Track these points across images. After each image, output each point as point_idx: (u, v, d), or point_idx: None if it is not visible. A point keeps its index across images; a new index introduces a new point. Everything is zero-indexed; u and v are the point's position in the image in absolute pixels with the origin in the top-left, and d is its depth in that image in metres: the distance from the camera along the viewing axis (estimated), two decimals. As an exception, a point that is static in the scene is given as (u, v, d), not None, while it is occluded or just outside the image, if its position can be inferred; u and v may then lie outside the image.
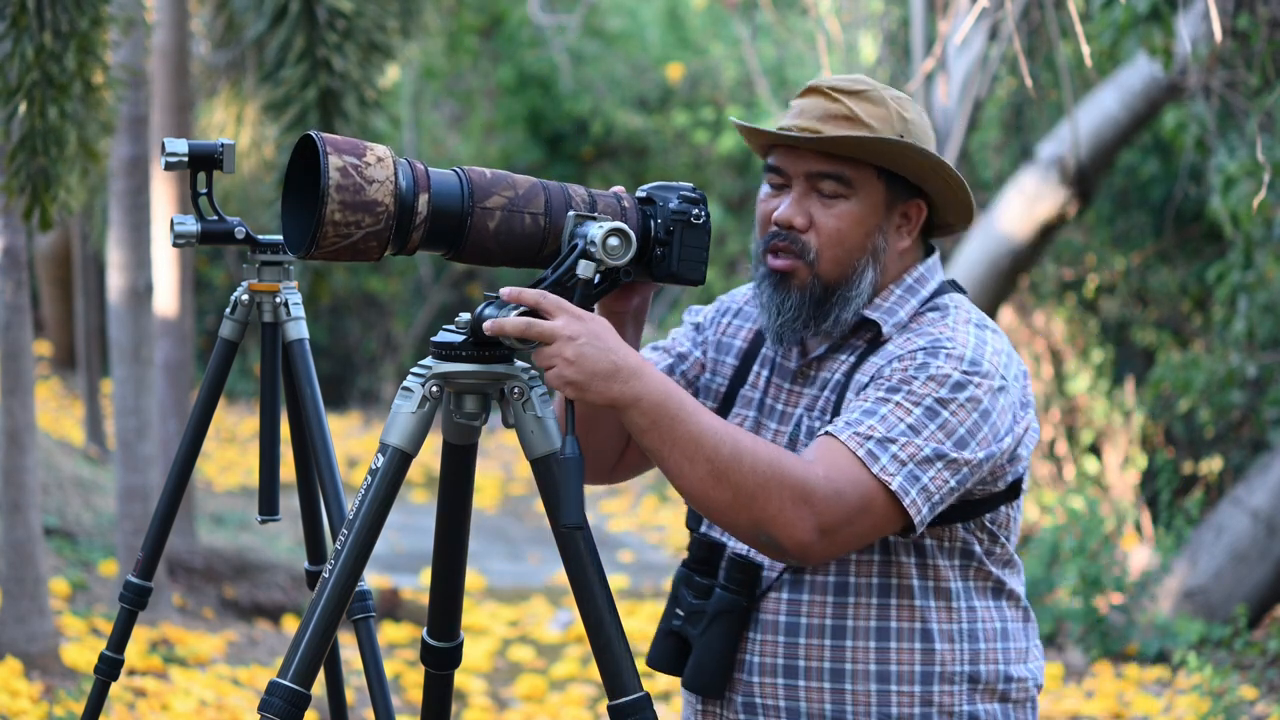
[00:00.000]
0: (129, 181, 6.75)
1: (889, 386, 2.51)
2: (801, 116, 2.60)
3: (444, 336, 2.48)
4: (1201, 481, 9.57)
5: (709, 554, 2.63)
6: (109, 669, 3.64)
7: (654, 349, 2.79)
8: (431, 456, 3.92)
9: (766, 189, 2.65)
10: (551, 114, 15.87)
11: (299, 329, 3.55)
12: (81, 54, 4.78)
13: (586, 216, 2.49)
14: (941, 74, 8.25)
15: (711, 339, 2.77)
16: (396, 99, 14.47)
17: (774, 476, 2.41)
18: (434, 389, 2.46)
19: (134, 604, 3.63)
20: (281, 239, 3.49)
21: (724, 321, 2.78)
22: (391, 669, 7.11)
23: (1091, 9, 7.67)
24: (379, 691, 3.51)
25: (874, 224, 2.60)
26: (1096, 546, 7.62)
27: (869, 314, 2.62)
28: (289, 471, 6.71)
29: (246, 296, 3.55)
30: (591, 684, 7.13)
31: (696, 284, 2.59)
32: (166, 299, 7.34)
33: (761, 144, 2.66)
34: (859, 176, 2.59)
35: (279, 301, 3.55)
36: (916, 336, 2.57)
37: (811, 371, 2.65)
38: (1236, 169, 6.90)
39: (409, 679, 7.08)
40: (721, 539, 2.65)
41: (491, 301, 2.44)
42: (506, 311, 2.40)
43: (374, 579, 8.65)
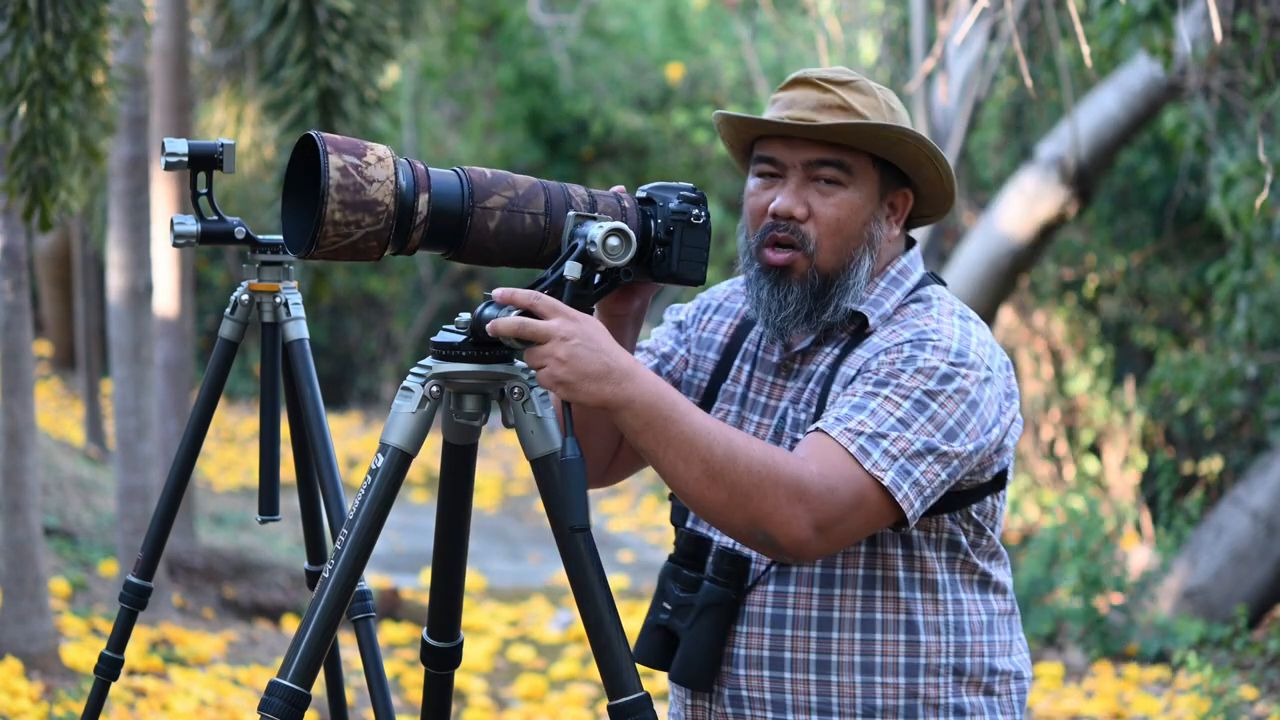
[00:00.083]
0: (129, 181, 6.75)
1: (877, 380, 2.51)
2: (794, 107, 2.59)
3: (444, 336, 2.48)
4: (1201, 481, 9.57)
5: (696, 548, 2.63)
6: (109, 669, 3.64)
7: (639, 350, 2.78)
8: (431, 456, 3.92)
9: (756, 182, 2.63)
10: (551, 114, 15.87)
11: (299, 329, 3.55)
12: (82, 54, 4.78)
13: (586, 216, 2.49)
14: (941, 74, 8.24)
15: (694, 336, 2.77)
16: (396, 99, 14.47)
17: (769, 475, 2.41)
18: (434, 389, 2.46)
19: (134, 604, 3.63)
20: (281, 239, 3.49)
21: (705, 318, 2.78)
22: (391, 669, 7.11)
23: (1091, 9, 7.67)
24: (379, 691, 3.51)
25: (869, 213, 2.60)
26: (1096, 546, 7.62)
27: (855, 306, 2.62)
28: (289, 471, 6.71)
29: (246, 296, 3.55)
30: (591, 684, 7.13)
31: (696, 284, 2.59)
32: (166, 299, 7.34)
33: (746, 137, 2.65)
34: (857, 164, 2.59)
35: (279, 301, 3.55)
36: (902, 329, 2.57)
37: (795, 365, 2.65)
38: (1236, 169, 6.90)
39: (409, 679, 7.08)
40: (709, 534, 2.65)
41: (491, 301, 2.44)
42: (505, 313, 2.40)
43: (374, 579, 8.65)
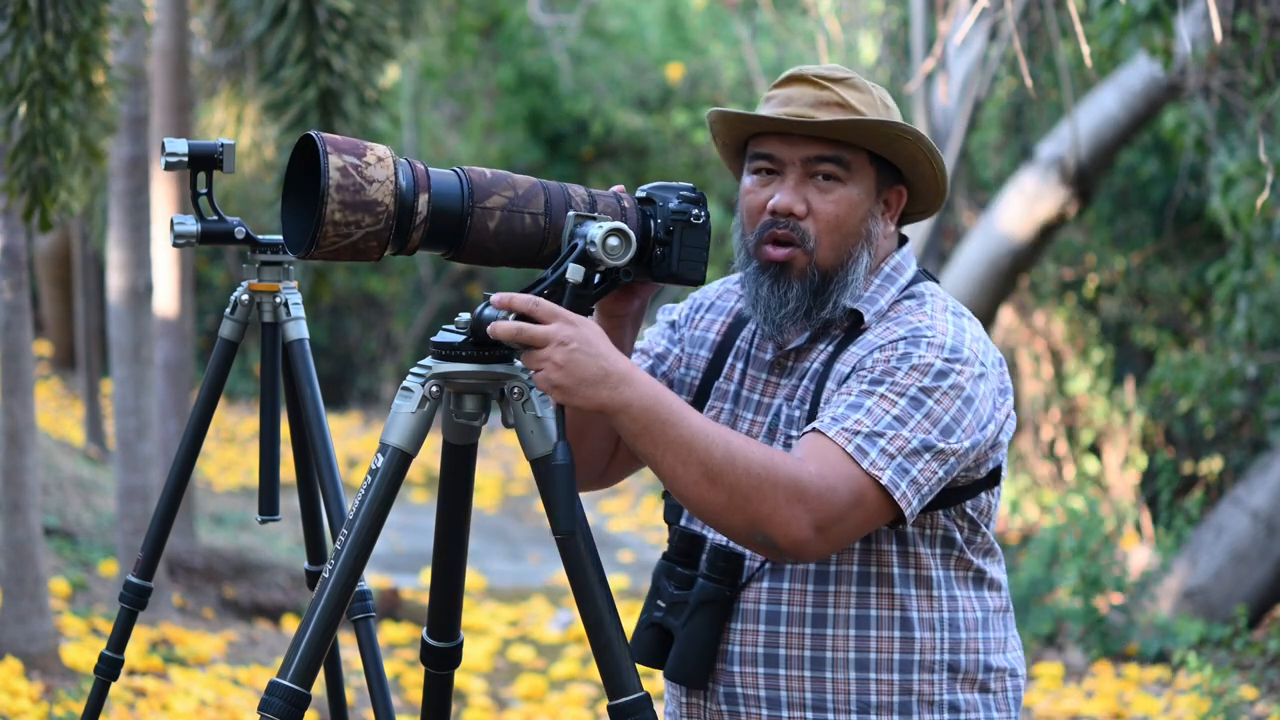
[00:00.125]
0: (129, 181, 6.75)
1: (872, 379, 2.51)
2: (791, 104, 2.59)
3: (444, 336, 2.48)
4: (1201, 481, 9.57)
5: (690, 546, 2.63)
6: (109, 669, 3.64)
7: (634, 351, 2.78)
8: (431, 456, 3.91)
9: (751, 180, 2.63)
10: (551, 114, 15.87)
11: (299, 329, 3.55)
12: (82, 54, 4.78)
13: (586, 216, 2.49)
14: (941, 74, 8.24)
15: (687, 335, 2.77)
16: (396, 99, 14.47)
17: (767, 476, 2.41)
18: (434, 389, 2.46)
19: (134, 604, 3.63)
20: (281, 239, 3.49)
21: (697, 317, 2.78)
22: (391, 669, 7.11)
23: (1091, 9, 7.67)
24: (379, 691, 3.51)
25: (867, 209, 2.61)
26: (1096, 546, 7.62)
27: (851, 303, 2.62)
28: (289, 471, 6.71)
29: (246, 296, 3.55)
30: (591, 684, 7.13)
31: (696, 284, 2.59)
32: (166, 299, 7.34)
33: (741, 134, 2.65)
34: (855, 161, 2.59)
35: (279, 301, 3.55)
36: (896, 325, 2.58)
37: (789, 362, 2.65)
38: (1236, 169, 6.90)
39: (409, 679, 7.08)
40: (703, 531, 2.65)
41: (491, 302, 2.44)
42: (504, 317, 2.40)
43: (374, 579, 8.65)
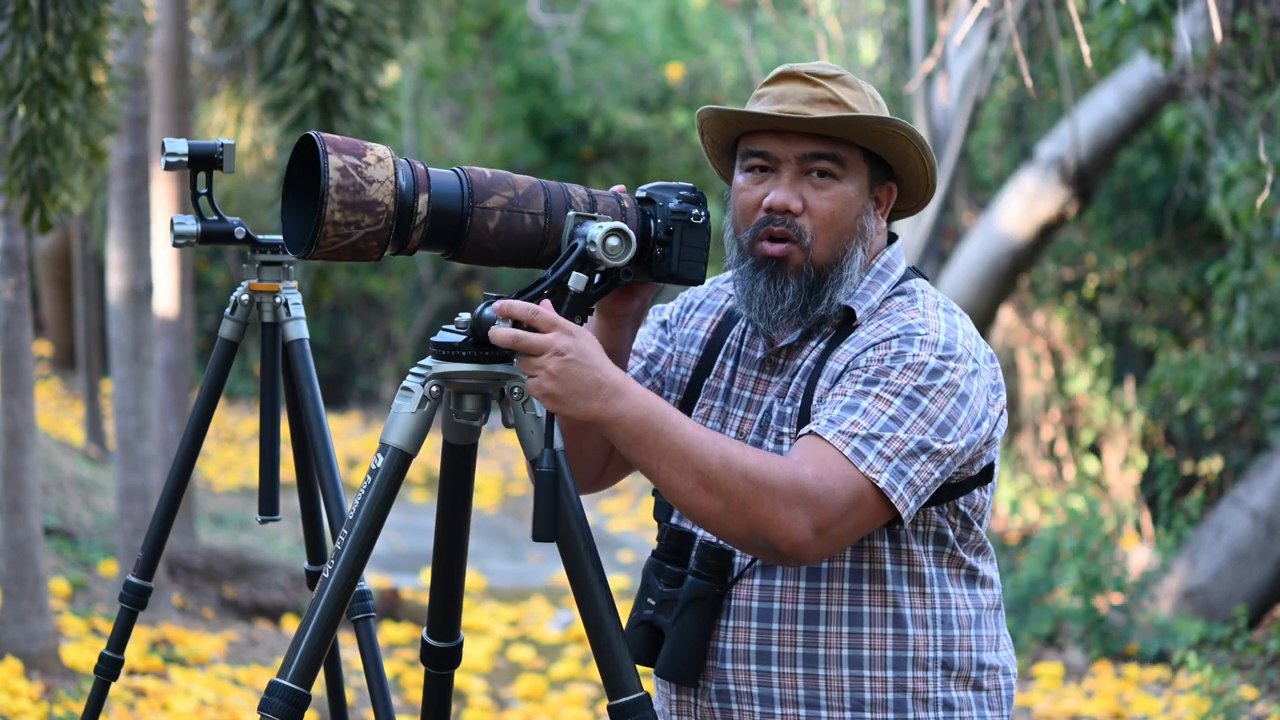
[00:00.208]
0: (129, 181, 6.75)
1: (866, 379, 2.52)
2: (785, 101, 2.59)
3: (444, 336, 2.48)
4: (1201, 481, 9.57)
5: (680, 543, 2.63)
6: (109, 669, 3.65)
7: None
8: (431, 456, 3.92)
9: (745, 177, 2.63)
10: (551, 114, 15.87)
11: (299, 329, 3.55)
12: (83, 54, 4.78)
13: (586, 216, 2.49)
14: (941, 74, 8.25)
15: (678, 333, 2.78)
16: (396, 99, 14.47)
17: (765, 481, 2.42)
18: (434, 389, 2.47)
19: (134, 604, 3.64)
20: (281, 239, 3.49)
21: (688, 315, 2.78)
22: (391, 669, 7.11)
23: (1091, 9, 7.67)
24: (379, 691, 3.51)
25: (861, 206, 2.61)
26: (1096, 546, 7.62)
27: (845, 300, 2.62)
28: (289, 471, 6.71)
29: (246, 296, 3.55)
30: (591, 684, 7.13)
31: (696, 284, 2.59)
32: (166, 299, 7.34)
33: (735, 132, 2.65)
34: (849, 158, 2.60)
35: (279, 301, 3.55)
36: (888, 322, 2.58)
37: (780, 359, 2.65)
38: (1236, 169, 6.90)
39: (409, 679, 7.08)
40: (692, 529, 2.64)
41: (491, 302, 2.44)
42: (505, 323, 2.41)
43: (374, 579, 8.65)
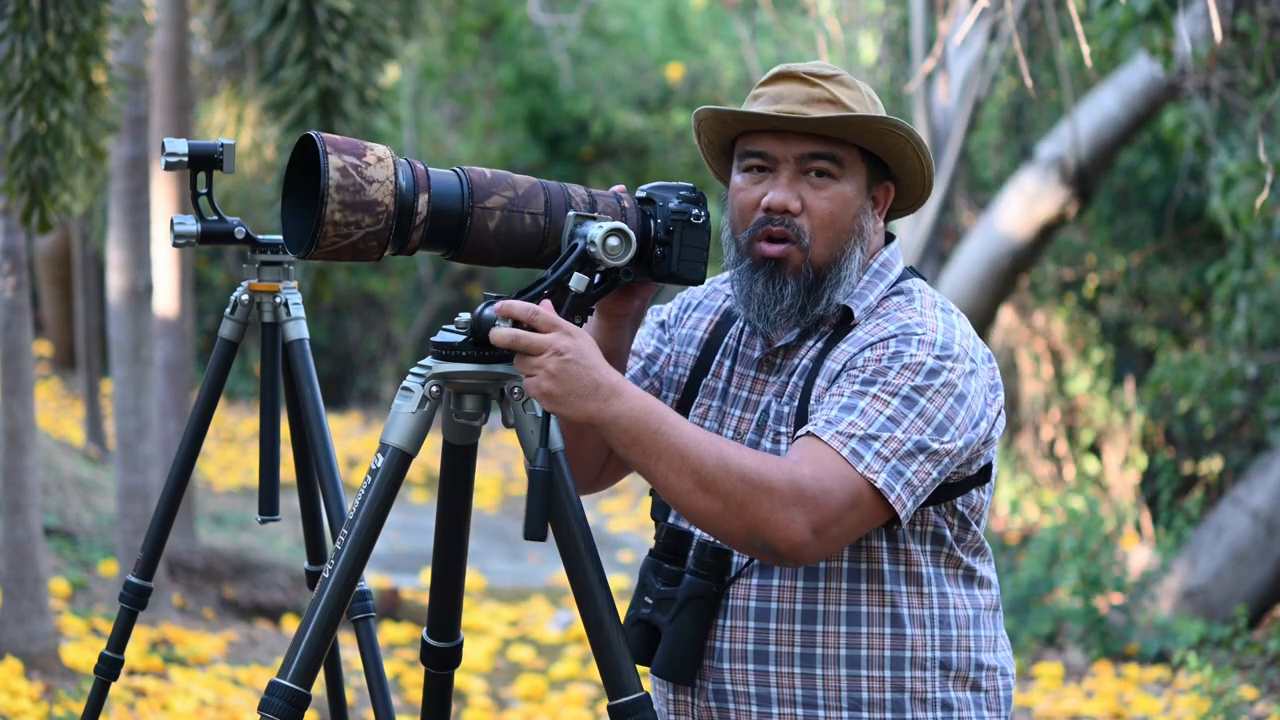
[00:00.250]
0: (129, 181, 6.75)
1: (864, 379, 2.52)
2: (783, 101, 2.59)
3: (444, 336, 2.48)
4: (1201, 481, 9.57)
5: (677, 542, 2.63)
6: (109, 669, 3.65)
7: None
8: (431, 456, 3.92)
9: (743, 178, 2.63)
10: (551, 114, 15.87)
11: (299, 329, 3.55)
12: (83, 54, 4.78)
13: (586, 216, 2.49)
14: (941, 74, 8.24)
15: (676, 334, 2.78)
16: (396, 99, 14.47)
17: (762, 482, 2.42)
18: (434, 389, 2.47)
19: (134, 604, 3.64)
20: (281, 239, 3.49)
21: (686, 316, 2.79)
22: (391, 669, 7.11)
23: (1091, 9, 7.67)
24: (379, 691, 3.51)
25: (858, 205, 2.62)
26: (1096, 546, 7.62)
27: (843, 300, 2.62)
28: (289, 471, 6.70)
29: (246, 296, 3.55)
30: (591, 684, 7.13)
31: (696, 284, 2.59)
32: (166, 299, 7.34)
33: (732, 132, 2.65)
34: (848, 157, 2.60)
35: (279, 301, 3.55)
36: (886, 322, 2.58)
37: (778, 359, 2.65)
38: (1236, 169, 6.90)
39: (409, 679, 7.08)
40: (690, 528, 2.64)
41: (491, 302, 2.44)
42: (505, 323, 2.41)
43: (374, 579, 8.65)
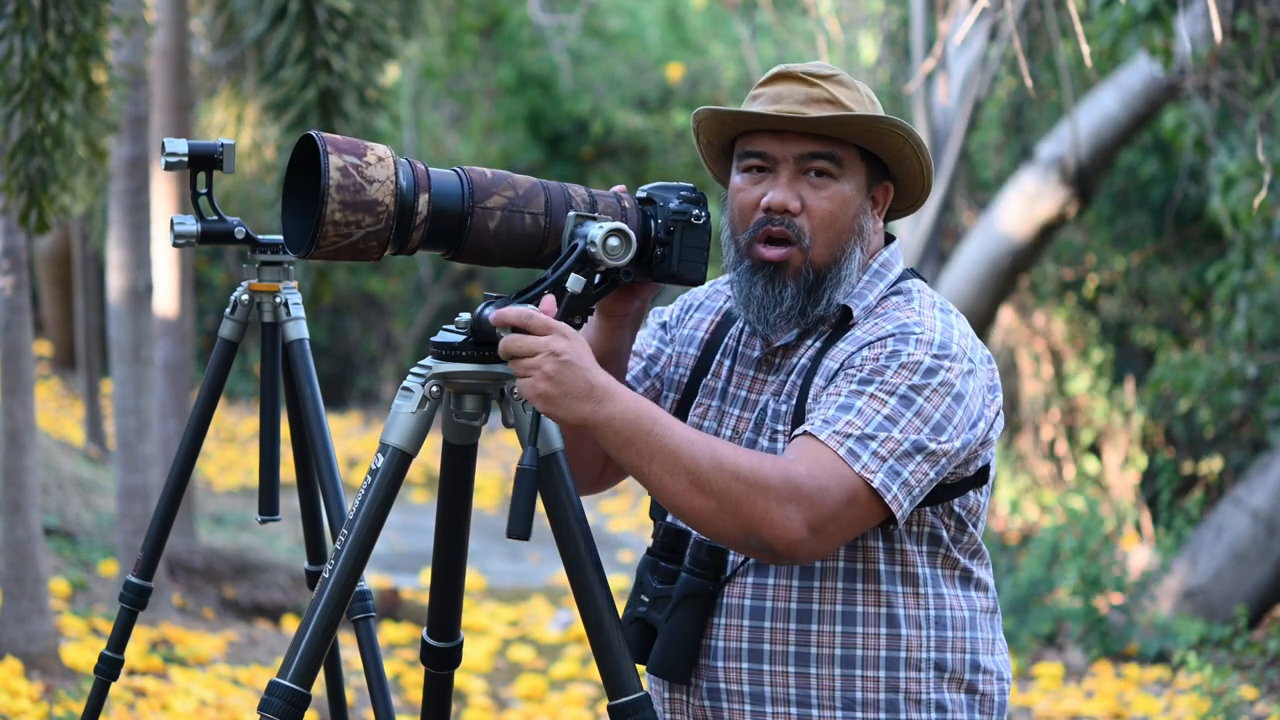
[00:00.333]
0: (129, 181, 6.75)
1: (861, 378, 2.51)
2: (782, 101, 2.59)
3: (444, 336, 2.48)
4: (1201, 481, 9.57)
5: (675, 541, 2.63)
6: (109, 669, 3.64)
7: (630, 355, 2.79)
8: (431, 456, 3.92)
9: (742, 178, 2.63)
10: (551, 114, 15.87)
11: (299, 329, 3.55)
12: (84, 54, 4.78)
13: (587, 216, 2.49)
14: (941, 74, 8.24)
15: (678, 334, 2.78)
16: (396, 99, 14.47)
17: (757, 480, 2.42)
18: (434, 389, 2.47)
19: (134, 604, 3.64)
20: (281, 239, 3.49)
21: (687, 316, 2.79)
22: (391, 669, 7.11)
23: (1091, 9, 7.67)
24: (379, 691, 3.51)
25: (858, 205, 2.61)
26: (1096, 546, 7.62)
27: (842, 299, 2.62)
28: (289, 471, 6.70)
29: (246, 296, 3.55)
30: (591, 684, 7.13)
31: (697, 284, 2.59)
32: (166, 299, 7.34)
33: (732, 133, 2.64)
34: (847, 157, 2.60)
35: (279, 301, 3.55)
36: (884, 321, 2.58)
37: (777, 359, 2.65)
38: (1236, 169, 6.90)
39: (409, 679, 7.08)
40: (687, 527, 2.64)
41: (491, 302, 2.44)
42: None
43: (374, 579, 8.65)
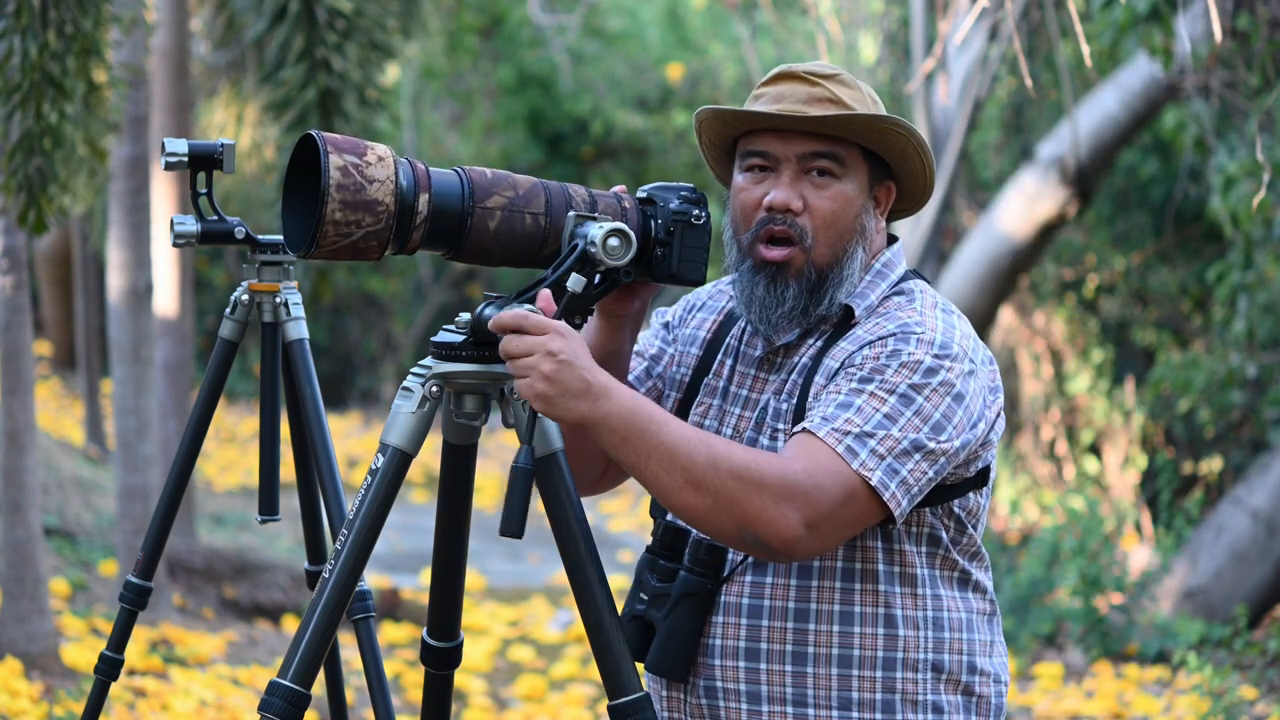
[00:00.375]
0: (129, 181, 6.75)
1: (861, 376, 2.51)
2: (784, 101, 2.59)
3: (444, 336, 2.48)
4: (1201, 481, 9.57)
5: (675, 539, 2.63)
6: (109, 669, 3.65)
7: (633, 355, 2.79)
8: (431, 456, 3.92)
9: (745, 177, 2.63)
10: (551, 114, 15.87)
11: (299, 329, 3.55)
12: (84, 54, 4.78)
13: (587, 217, 2.49)
14: (941, 74, 8.24)
15: (680, 334, 2.78)
16: (396, 99, 14.48)
17: (753, 477, 2.41)
18: (434, 389, 2.47)
19: (134, 604, 3.64)
20: (281, 239, 3.49)
21: (690, 316, 2.79)
22: (391, 669, 7.11)
23: (1091, 9, 7.67)
24: (379, 691, 3.51)
25: (861, 205, 2.61)
26: (1096, 546, 7.62)
27: (844, 299, 2.62)
28: (289, 471, 6.69)
29: (246, 296, 3.55)
30: (591, 684, 7.13)
31: (697, 284, 2.59)
32: (166, 299, 7.34)
33: (734, 132, 2.64)
34: (849, 156, 2.60)
35: (279, 301, 3.55)
36: (885, 321, 2.57)
37: (778, 358, 2.65)
38: (1236, 169, 6.90)
39: (409, 679, 7.08)
40: (687, 525, 2.63)
41: (491, 302, 2.44)
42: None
43: (374, 579, 8.65)
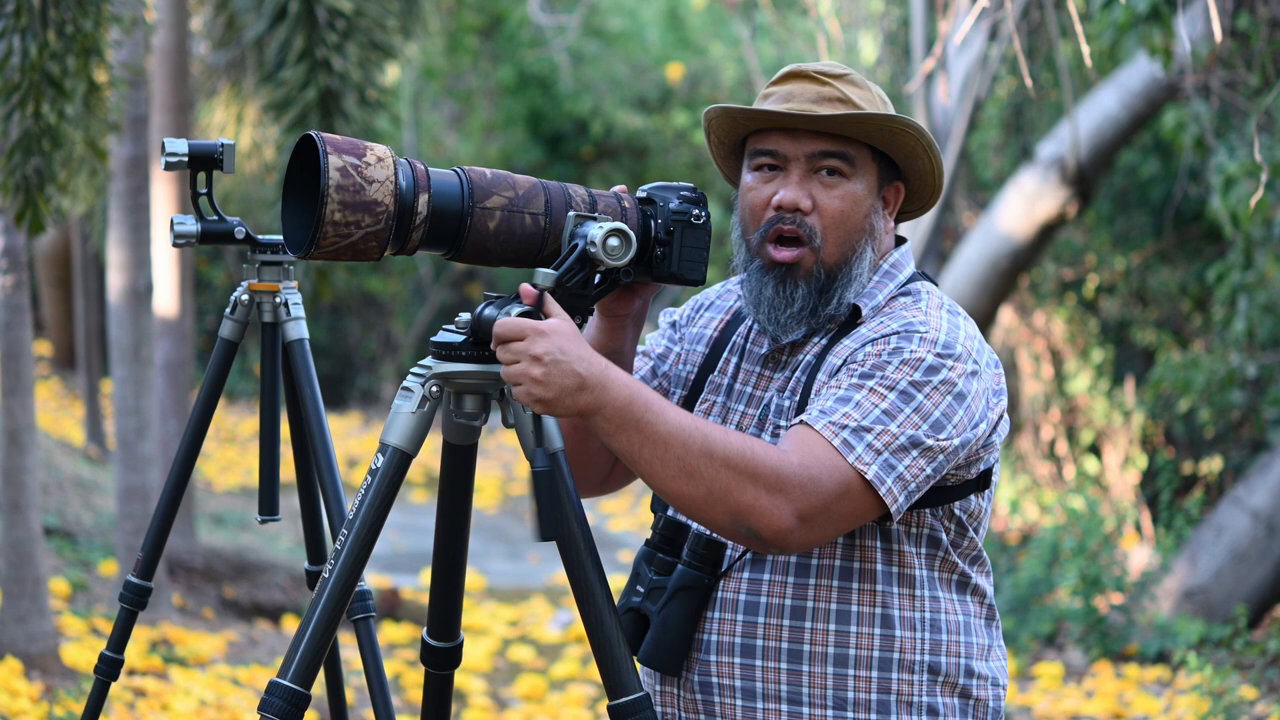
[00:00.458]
0: (129, 181, 6.75)
1: (862, 373, 2.51)
2: (793, 100, 2.59)
3: (444, 336, 2.48)
4: (1201, 481, 9.57)
5: (674, 534, 2.64)
6: (109, 669, 3.65)
7: (637, 354, 2.79)
8: (431, 456, 3.92)
9: (754, 176, 2.62)
10: (551, 114, 15.87)
11: (299, 329, 3.56)
12: (84, 54, 4.78)
13: (587, 216, 2.49)
14: (941, 74, 8.24)
15: (687, 333, 2.79)
16: (396, 99, 14.47)
17: (747, 468, 2.41)
18: (434, 389, 2.47)
19: (134, 604, 3.64)
20: (281, 239, 3.49)
21: (698, 316, 2.80)
22: (391, 669, 7.11)
23: (1091, 9, 7.67)
24: (379, 691, 3.51)
25: (869, 205, 2.61)
26: (1096, 546, 7.62)
27: (852, 298, 2.62)
28: (289, 471, 6.70)
29: (246, 296, 3.55)
30: (591, 684, 7.13)
31: (697, 284, 2.59)
32: (166, 299, 7.34)
33: (743, 131, 2.64)
34: (859, 156, 2.60)
35: (279, 301, 3.55)
36: (889, 320, 2.58)
37: (783, 356, 2.65)
38: (1236, 169, 6.90)
39: (409, 679, 7.08)
40: (688, 520, 2.64)
41: (491, 302, 2.44)
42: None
43: (374, 579, 8.65)
